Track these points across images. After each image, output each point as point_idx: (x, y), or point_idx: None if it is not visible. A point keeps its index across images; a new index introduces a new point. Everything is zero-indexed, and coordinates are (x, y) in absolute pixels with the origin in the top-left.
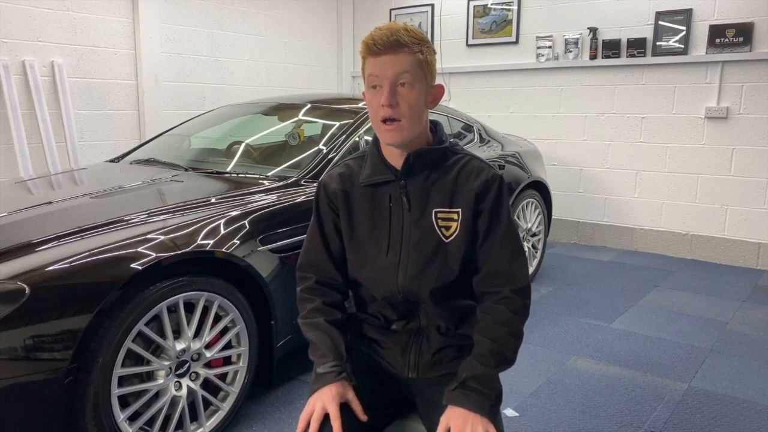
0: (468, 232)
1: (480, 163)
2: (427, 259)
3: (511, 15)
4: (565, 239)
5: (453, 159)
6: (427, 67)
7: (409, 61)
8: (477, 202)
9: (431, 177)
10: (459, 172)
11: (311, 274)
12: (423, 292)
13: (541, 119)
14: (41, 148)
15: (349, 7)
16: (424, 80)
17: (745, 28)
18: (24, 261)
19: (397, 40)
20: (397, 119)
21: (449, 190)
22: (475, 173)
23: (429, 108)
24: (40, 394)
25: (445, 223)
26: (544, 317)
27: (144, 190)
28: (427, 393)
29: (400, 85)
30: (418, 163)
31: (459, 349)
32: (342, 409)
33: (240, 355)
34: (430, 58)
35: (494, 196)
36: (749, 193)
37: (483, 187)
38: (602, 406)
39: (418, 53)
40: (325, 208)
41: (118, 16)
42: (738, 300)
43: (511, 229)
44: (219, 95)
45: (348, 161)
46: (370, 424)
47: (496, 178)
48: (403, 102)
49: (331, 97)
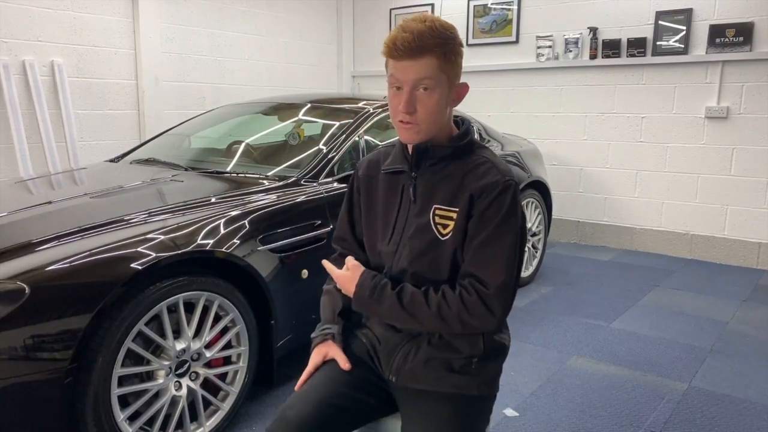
0: (461, 233)
1: (492, 166)
2: (418, 253)
3: (511, 15)
4: (565, 239)
5: (469, 158)
6: (451, 69)
7: (432, 67)
8: (471, 204)
9: (441, 173)
10: (468, 172)
11: (338, 246)
12: (414, 286)
13: (541, 119)
14: (41, 148)
15: (349, 7)
16: (446, 83)
17: (745, 28)
18: (24, 261)
19: (420, 46)
20: (414, 123)
21: (454, 188)
22: (480, 175)
23: (452, 106)
24: (40, 394)
25: (443, 221)
26: (544, 317)
27: (144, 189)
28: (407, 405)
29: (421, 89)
30: (423, 158)
31: (446, 366)
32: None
33: (240, 354)
34: (454, 58)
35: (489, 202)
36: (749, 193)
37: (480, 191)
38: (602, 406)
39: (441, 56)
40: (354, 190)
41: (118, 16)
42: (738, 300)
43: (503, 241)
44: (219, 95)
45: (382, 148)
46: (352, 408)
47: (498, 184)
48: (421, 108)
49: (331, 96)
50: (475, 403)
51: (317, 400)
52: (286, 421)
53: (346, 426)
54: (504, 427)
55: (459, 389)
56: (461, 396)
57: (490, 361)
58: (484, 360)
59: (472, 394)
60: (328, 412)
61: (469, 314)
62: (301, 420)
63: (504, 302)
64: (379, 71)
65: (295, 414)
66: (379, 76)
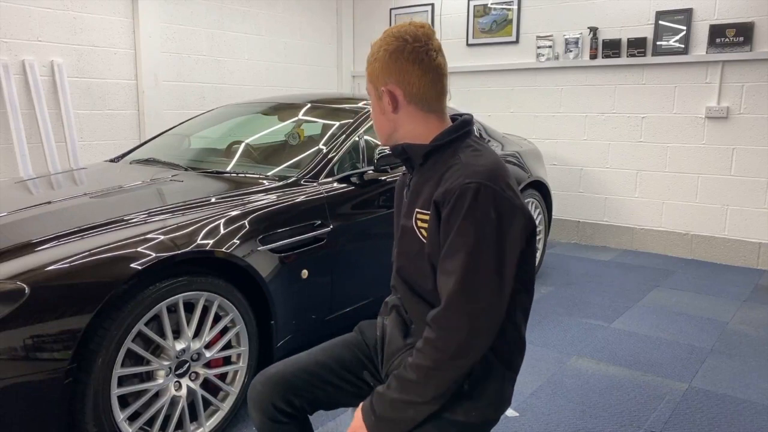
0: (432, 238)
1: (460, 168)
2: (405, 257)
3: (512, 14)
4: (565, 239)
5: (451, 159)
6: (372, 82)
7: (367, 82)
8: (437, 210)
9: (426, 175)
10: (443, 174)
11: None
12: (405, 292)
13: (541, 119)
14: (41, 148)
15: (349, 7)
16: (374, 95)
17: (745, 28)
18: (24, 261)
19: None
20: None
21: (432, 191)
22: (447, 178)
23: (392, 112)
24: (40, 394)
25: (424, 224)
26: (544, 317)
27: (144, 189)
28: None
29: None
30: (409, 159)
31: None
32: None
33: (240, 355)
34: (370, 71)
35: (449, 209)
36: (749, 193)
37: (442, 197)
38: (602, 406)
39: (369, 72)
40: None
41: (118, 16)
42: (738, 300)
43: (458, 251)
44: (219, 95)
45: None
46: (337, 387)
47: (455, 189)
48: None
49: (331, 96)
50: (462, 429)
51: (303, 365)
52: (266, 375)
53: (326, 399)
54: (504, 427)
55: (444, 411)
56: (447, 419)
57: (486, 382)
58: (476, 382)
59: (458, 419)
60: (308, 380)
61: (440, 350)
62: (280, 377)
63: (462, 313)
64: None
65: (276, 371)
66: None
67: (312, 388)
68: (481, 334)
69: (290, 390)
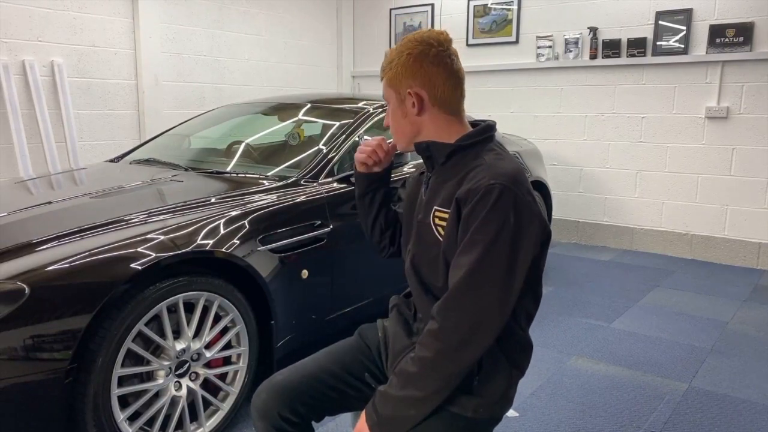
0: (450, 237)
1: (485, 168)
2: (418, 252)
3: (511, 15)
4: (565, 239)
5: (474, 160)
6: (394, 86)
7: (386, 87)
8: (458, 207)
9: (447, 174)
10: (466, 174)
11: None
12: (415, 287)
13: (541, 119)
14: (41, 148)
15: (349, 7)
16: (395, 99)
17: (745, 28)
18: (24, 261)
19: (383, 70)
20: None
21: (452, 190)
22: (471, 178)
23: (419, 115)
24: (40, 394)
25: (441, 223)
26: (544, 317)
27: (144, 190)
28: None
29: (389, 107)
30: (430, 158)
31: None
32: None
33: (240, 355)
34: (391, 76)
35: (471, 208)
36: (749, 193)
37: (465, 195)
38: (602, 406)
39: (390, 77)
40: (401, 185)
41: (118, 16)
42: (738, 300)
43: (473, 250)
44: (219, 95)
45: None
46: (343, 392)
47: (480, 189)
48: (389, 120)
49: (331, 97)
50: (469, 425)
51: (308, 372)
52: (271, 383)
53: (332, 405)
54: (504, 427)
55: (452, 406)
56: (454, 415)
57: (494, 379)
58: (486, 378)
59: (465, 414)
60: (314, 386)
61: (442, 340)
62: (285, 385)
63: (466, 304)
64: (378, 72)
65: (282, 379)
66: (378, 76)
67: (318, 395)
68: (482, 330)
69: (296, 398)
